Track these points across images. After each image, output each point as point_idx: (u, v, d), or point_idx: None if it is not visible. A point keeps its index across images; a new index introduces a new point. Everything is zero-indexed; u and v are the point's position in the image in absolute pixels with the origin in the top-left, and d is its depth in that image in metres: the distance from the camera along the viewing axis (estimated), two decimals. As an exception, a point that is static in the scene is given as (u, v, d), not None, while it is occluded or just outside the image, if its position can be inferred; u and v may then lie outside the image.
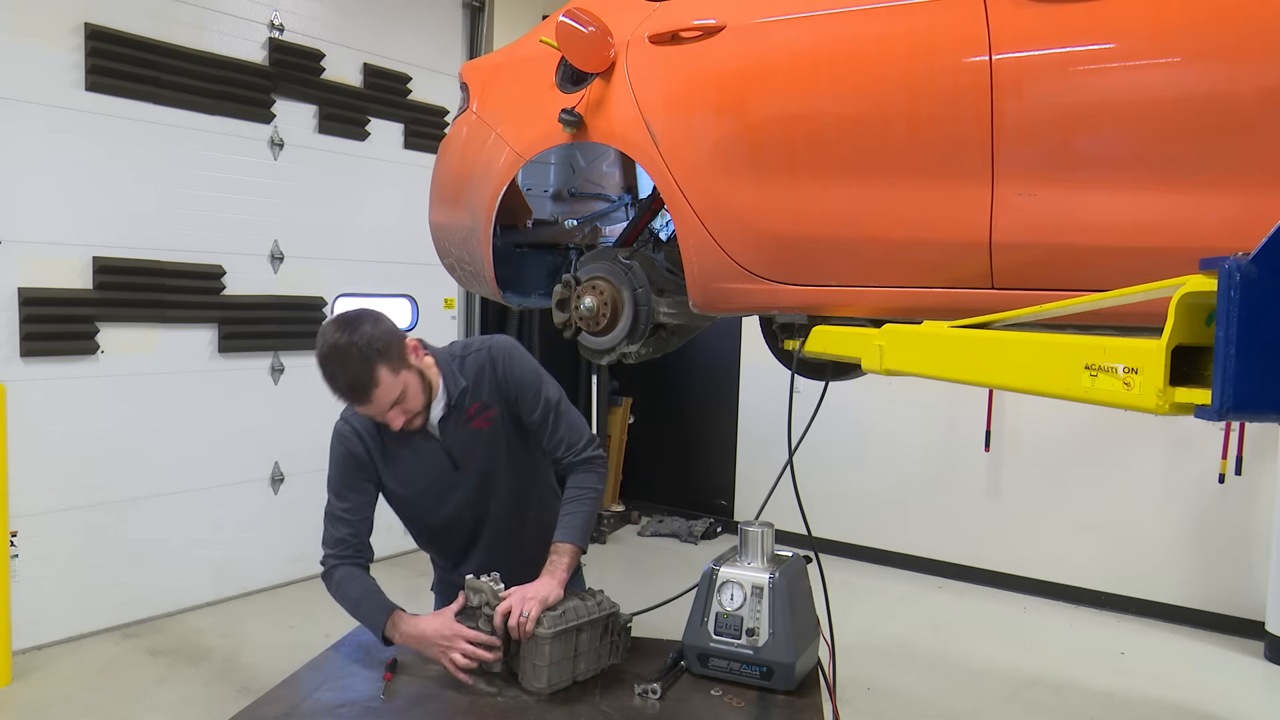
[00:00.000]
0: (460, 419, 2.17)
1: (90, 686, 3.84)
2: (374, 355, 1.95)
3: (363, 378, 1.95)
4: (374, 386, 1.96)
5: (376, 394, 1.97)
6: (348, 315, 2.04)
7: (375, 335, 1.97)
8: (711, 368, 6.67)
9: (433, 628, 2.00)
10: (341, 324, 2.00)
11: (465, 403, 2.17)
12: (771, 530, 2.07)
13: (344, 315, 2.05)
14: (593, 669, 1.99)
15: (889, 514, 5.90)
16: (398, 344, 2.02)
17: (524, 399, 2.20)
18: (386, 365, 1.97)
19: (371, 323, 2.00)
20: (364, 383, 1.96)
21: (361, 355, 1.94)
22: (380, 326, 2.01)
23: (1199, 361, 1.28)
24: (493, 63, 3.19)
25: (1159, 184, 1.76)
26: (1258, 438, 4.67)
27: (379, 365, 1.96)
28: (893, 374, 2.00)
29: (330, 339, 1.97)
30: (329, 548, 2.18)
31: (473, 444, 2.19)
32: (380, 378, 1.96)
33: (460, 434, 2.18)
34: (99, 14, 4.22)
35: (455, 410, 2.16)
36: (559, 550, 2.10)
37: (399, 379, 2.00)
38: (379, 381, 1.96)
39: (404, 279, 5.73)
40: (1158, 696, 4.06)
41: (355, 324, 1.98)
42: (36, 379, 4.10)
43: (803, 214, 2.22)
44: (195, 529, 4.74)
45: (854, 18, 2.13)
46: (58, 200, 4.16)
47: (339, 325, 1.99)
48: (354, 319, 2.01)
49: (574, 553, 2.11)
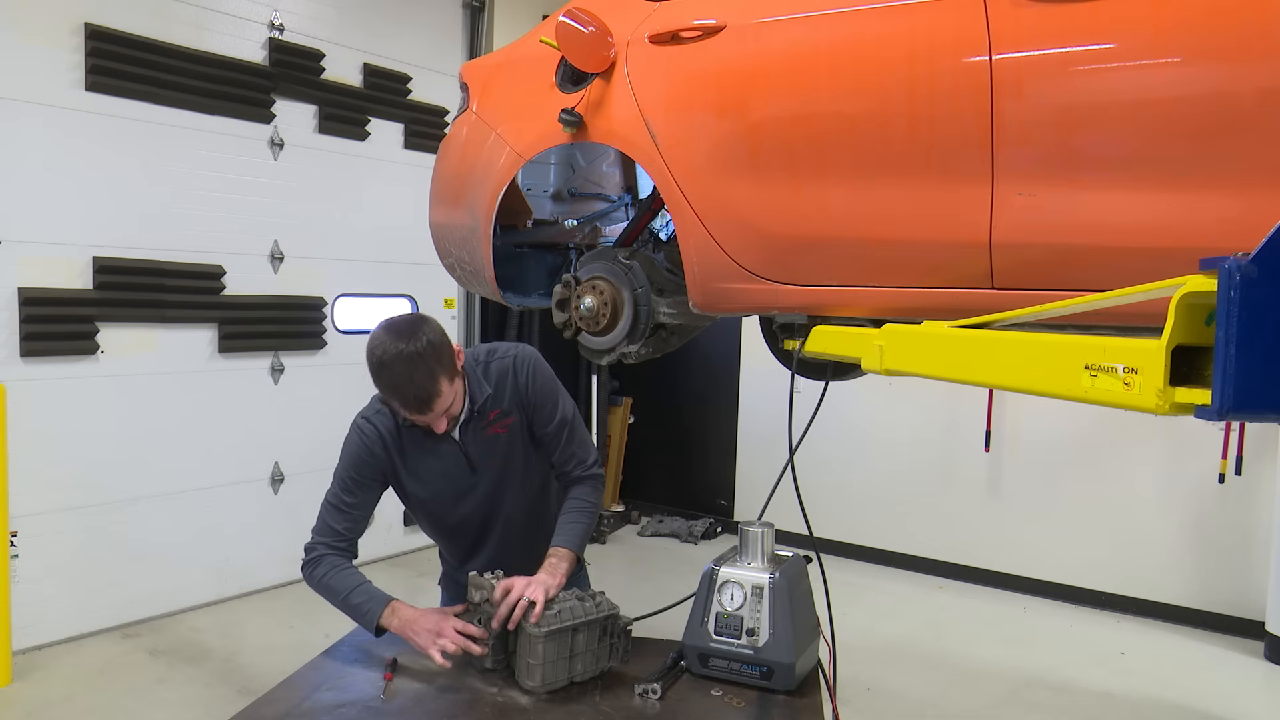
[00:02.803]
0: (480, 424, 2.19)
1: (90, 686, 3.84)
2: (436, 366, 1.97)
3: (428, 389, 1.97)
4: (436, 397, 1.99)
5: (438, 404, 2.00)
6: (402, 322, 2.04)
7: (435, 345, 1.99)
8: (711, 368, 6.67)
9: (429, 616, 2.04)
10: (399, 332, 1.99)
11: (487, 409, 2.19)
12: (771, 530, 2.07)
13: (398, 322, 2.04)
14: (590, 670, 1.99)
15: (889, 514, 5.90)
16: (450, 352, 2.05)
17: (541, 411, 2.23)
18: (445, 375, 2.00)
19: (430, 331, 2.01)
20: (429, 394, 1.98)
21: (427, 367, 1.96)
22: (437, 334, 2.03)
23: (1199, 361, 1.28)
24: (493, 63, 3.19)
25: (1159, 184, 1.75)
26: (1258, 438, 4.67)
27: (440, 376, 1.98)
28: (893, 374, 2.00)
29: (392, 348, 1.96)
30: (321, 536, 2.17)
31: (490, 449, 2.22)
32: (442, 388, 1.99)
33: (479, 439, 2.20)
34: (99, 14, 4.22)
35: (477, 416, 2.18)
36: (558, 554, 2.13)
37: (453, 387, 2.04)
38: (441, 392, 2.00)
39: (404, 279, 5.73)
40: (1158, 696, 4.06)
41: (415, 333, 1.98)
42: (36, 379, 4.10)
43: (803, 214, 2.22)
44: (195, 529, 4.74)
45: (854, 18, 2.13)
46: (58, 200, 4.15)
47: (398, 334, 1.98)
48: (412, 327, 2.00)
49: (572, 559, 2.15)
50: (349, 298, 5.46)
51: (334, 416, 5.34)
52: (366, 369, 2.02)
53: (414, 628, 2.02)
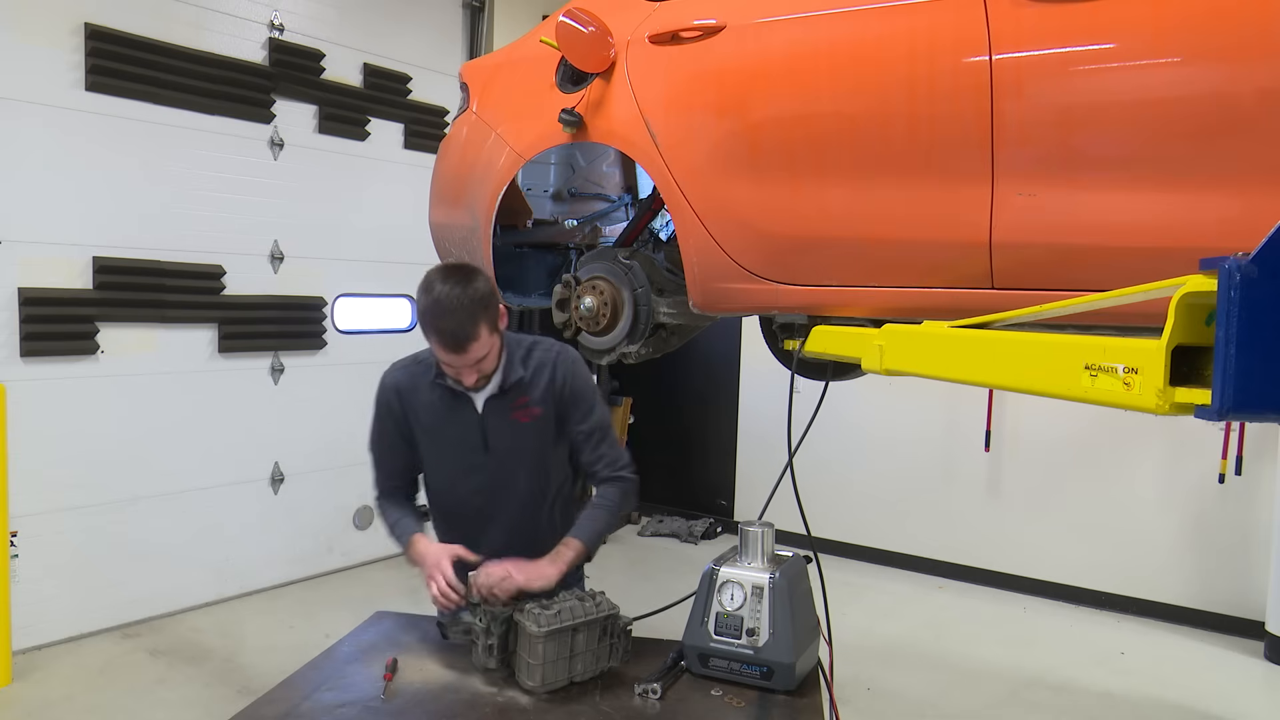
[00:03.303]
0: (505, 405, 2.23)
1: (90, 686, 3.84)
2: (480, 311, 2.04)
3: (467, 329, 2.03)
4: (473, 340, 2.05)
5: (473, 347, 2.06)
6: (458, 267, 2.13)
7: (485, 293, 2.07)
8: (711, 368, 6.67)
9: (431, 552, 2.15)
10: (454, 274, 2.07)
11: (515, 392, 2.22)
12: (771, 530, 2.07)
13: (454, 266, 2.13)
14: (591, 670, 1.99)
15: (889, 514, 5.90)
16: (496, 307, 2.12)
17: (577, 410, 2.27)
18: (487, 323, 2.06)
19: (484, 280, 2.09)
20: (467, 334, 2.04)
21: (470, 308, 2.03)
22: (488, 285, 2.10)
23: (1199, 361, 1.28)
24: (493, 63, 3.19)
25: (1159, 184, 1.76)
26: (1258, 438, 4.67)
27: (482, 321, 2.05)
28: (893, 374, 2.01)
29: (444, 284, 2.04)
30: (376, 482, 2.38)
31: (508, 432, 2.24)
32: (480, 333, 2.05)
33: (499, 419, 2.23)
34: (99, 14, 4.22)
35: (504, 395, 2.22)
36: (568, 544, 2.17)
37: (491, 339, 2.10)
38: (478, 336, 2.05)
39: (404, 279, 5.72)
40: (1158, 696, 4.06)
41: (469, 278, 2.07)
42: (36, 379, 4.10)
43: (803, 214, 2.22)
44: (195, 529, 4.74)
45: (854, 18, 2.13)
46: (58, 200, 4.15)
47: (451, 275, 2.07)
48: (467, 272, 2.09)
49: (581, 551, 2.18)
50: (349, 298, 5.46)
51: (334, 416, 5.41)
52: (364, 370, 2.05)
53: (421, 563, 2.17)
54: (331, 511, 5.41)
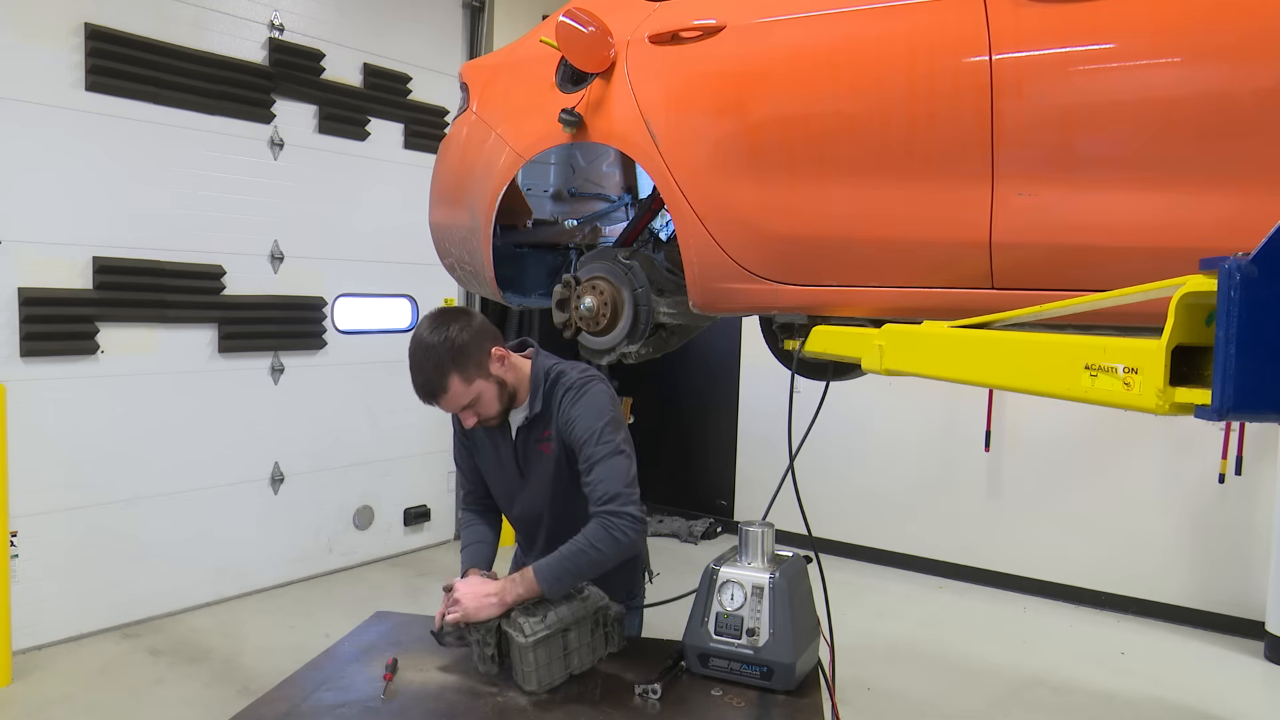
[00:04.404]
0: (532, 437, 2.25)
1: (90, 686, 3.84)
2: (449, 362, 2.04)
3: (434, 382, 2.05)
4: (442, 392, 2.06)
5: (444, 399, 2.08)
6: (440, 314, 2.13)
7: (458, 342, 2.05)
8: (711, 368, 6.67)
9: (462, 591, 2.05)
10: (434, 322, 2.09)
11: (539, 424, 2.23)
12: (771, 530, 2.07)
13: (440, 313, 2.14)
14: (588, 662, 2.00)
15: (889, 514, 5.90)
16: (479, 353, 2.08)
17: (575, 444, 2.13)
18: (459, 373, 2.05)
19: (460, 327, 2.07)
20: (434, 387, 2.06)
21: (437, 360, 2.03)
22: (466, 333, 2.07)
23: (1199, 361, 1.28)
24: (493, 63, 3.19)
25: (1159, 184, 1.75)
26: (1258, 438, 4.67)
27: (451, 373, 2.05)
28: (893, 374, 2.00)
29: (419, 334, 2.07)
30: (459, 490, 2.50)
31: (536, 462, 2.26)
32: (450, 385, 2.05)
33: (530, 449, 2.26)
34: (99, 14, 4.22)
35: (530, 426, 2.23)
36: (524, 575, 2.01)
37: (471, 388, 2.08)
38: (447, 388, 2.06)
39: (404, 279, 5.73)
40: (1158, 696, 4.06)
41: (445, 325, 2.06)
42: (36, 379, 4.10)
43: (803, 214, 2.22)
44: (195, 529, 4.74)
45: (854, 18, 2.13)
46: (58, 200, 4.16)
47: (431, 322, 2.09)
48: (444, 320, 2.09)
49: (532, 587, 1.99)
50: (349, 298, 5.46)
51: (334, 417, 5.42)
52: (364, 370, 2.06)
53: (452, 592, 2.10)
54: (331, 511, 5.42)
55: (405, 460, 5.79)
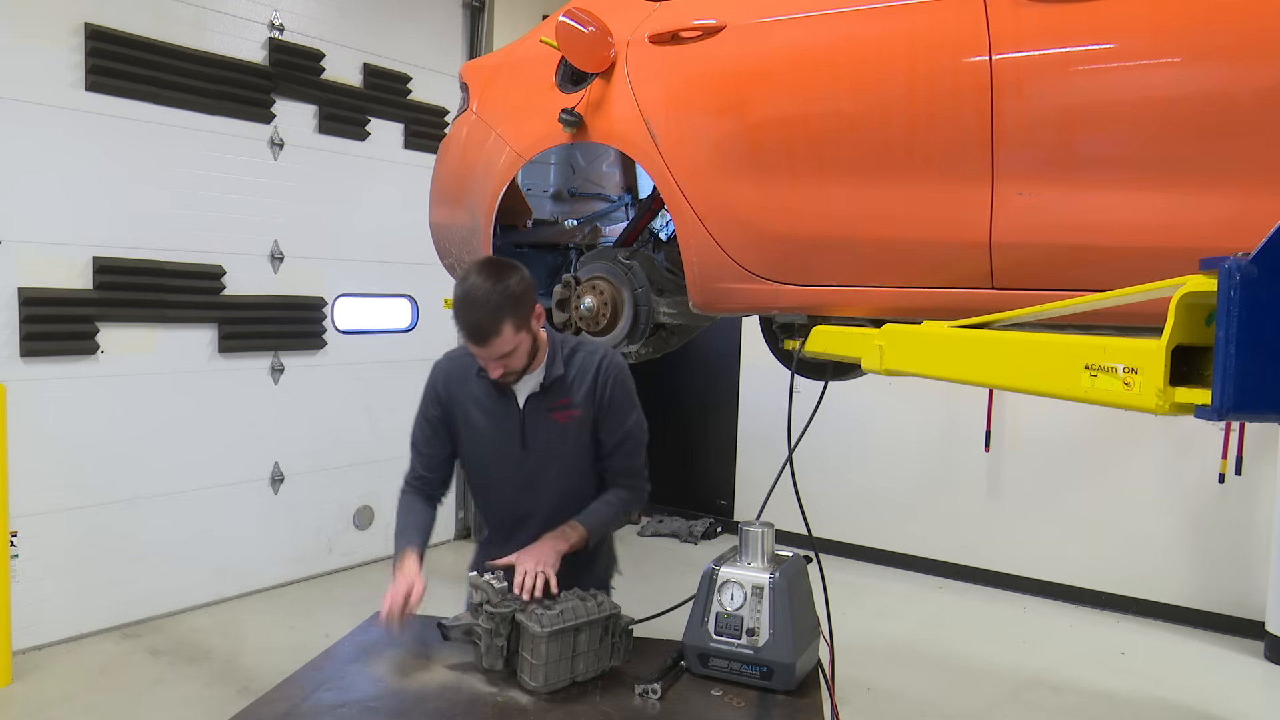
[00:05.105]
0: (545, 403, 2.25)
1: (90, 686, 3.84)
2: (507, 309, 2.07)
3: (488, 325, 2.07)
4: (494, 336, 2.07)
5: (495, 342, 2.08)
6: (497, 261, 2.16)
7: (516, 291, 2.09)
8: (711, 368, 6.67)
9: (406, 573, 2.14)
10: (489, 268, 2.11)
11: (556, 391, 2.24)
12: (771, 530, 2.07)
13: (494, 260, 2.18)
14: (592, 670, 1.99)
15: (889, 514, 5.90)
16: (528, 307, 2.13)
17: (612, 417, 2.28)
18: (512, 321, 2.08)
19: (516, 278, 2.11)
20: (488, 330, 2.07)
21: (495, 305, 2.05)
22: (522, 283, 2.12)
23: (1199, 361, 1.28)
24: (493, 63, 3.19)
25: (1159, 184, 1.76)
26: (1258, 438, 4.67)
27: (506, 319, 2.07)
28: (893, 374, 2.00)
29: (473, 280, 2.08)
30: (408, 472, 2.39)
31: (545, 432, 2.26)
32: (504, 329, 2.07)
33: (539, 418, 2.25)
34: (99, 14, 4.22)
35: (545, 393, 2.24)
36: (573, 526, 2.20)
37: (516, 337, 2.11)
38: (499, 333, 2.07)
39: (404, 279, 5.73)
40: (1158, 696, 4.06)
41: (503, 273, 2.10)
42: (36, 379, 4.10)
43: (803, 214, 2.22)
44: (195, 529, 4.73)
45: (854, 18, 2.13)
46: (58, 200, 4.16)
47: (486, 269, 2.11)
48: (504, 268, 2.12)
49: (584, 537, 2.21)
50: (349, 298, 5.46)
51: (334, 417, 5.41)
52: (364, 370, 2.06)
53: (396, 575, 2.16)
54: (331, 511, 5.42)
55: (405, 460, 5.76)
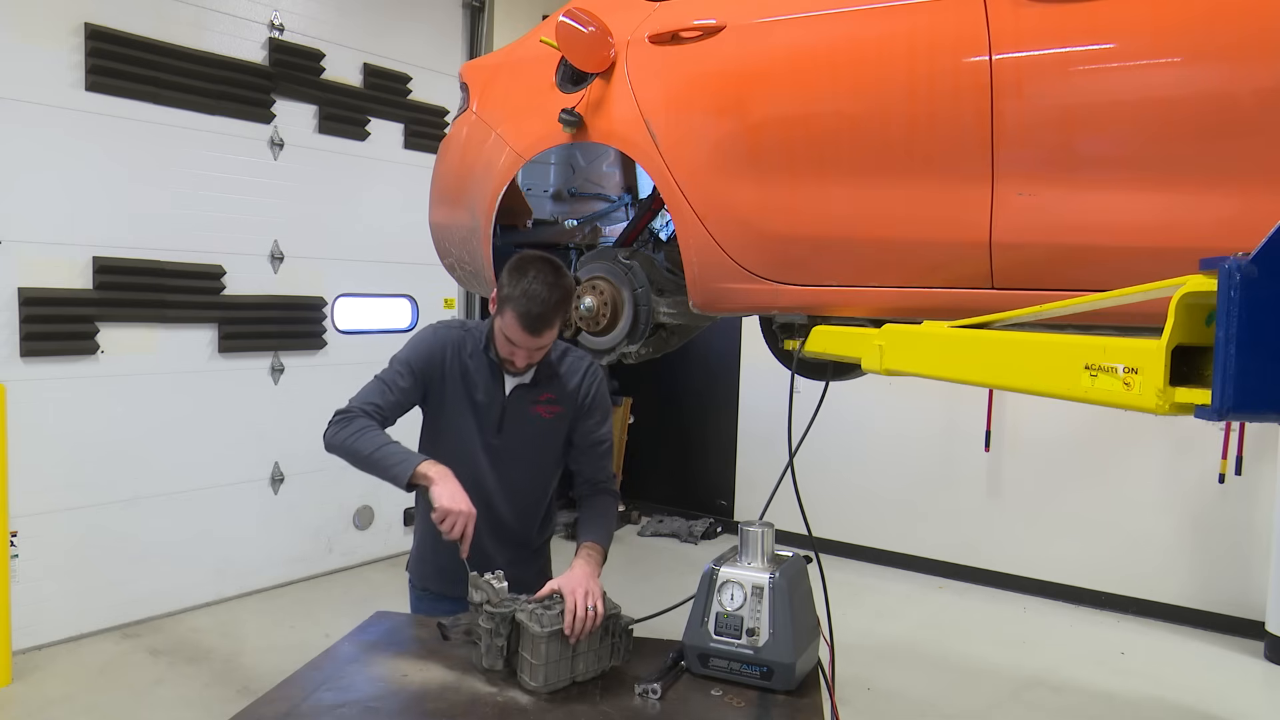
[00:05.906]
0: (530, 396, 2.28)
1: (90, 686, 3.84)
2: (564, 304, 2.16)
3: (550, 319, 2.13)
4: (549, 329, 2.14)
5: (547, 334, 2.15)
6: (548, 258, 2.19)
7: (569, 287, 2.19)
8: (711, 368, 6.67)
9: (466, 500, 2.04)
10: (548, 265, 2.15)
11: (543, 386, 2.28)
12: (771, 530, 2.07)
13: (544, 257, 2.19)
14: (593, 670, 1.99)
15: (889, 514, 5.90)
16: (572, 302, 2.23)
17: (590, 420, 2.34)
18: (561, 319, 2.17)
19: (569, 276, 2.19)
20: (548, 323, 2.13)
21: (557, 300, 2.13)
22: (572, 282, 2.22)
23: (1199, 361, 1.28)
24: (493, 63, 3.19)
25: (1159, 184, 1.76)
26: (1258, 438, 4.67)
27: (561, 314, 2.16)
28: (893, 374, 2.00)
29: (541, 275, 2.11)
30: (359, 402, 2.22)
31: (524, 423, 2.28)
32: (556, 323, 2.16)
33: (520, 407, 2.28)
34: (99, 14, 4.22)
35: (533, 386, 2.28)
36: (593, 548, 2.20)
37: (554, 334, 2.19)
38: (555, 326, 2.15)
39: (404, 279, 5.73)
40: (1158, 696, 4.06)
41: (559, 270, 2.16)
42: (36, 379, 4.10)
43: (803, 214, 2.22)
44: (195, 529, 4.74)
45: (854, 18, 2.13)
46: (58, 200, 4.16)
47: (546, 265, 2.15)
48: (557, 264, 2.17)
49: (602, 555, 2.23)
50: (349, 298, 5.46)
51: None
52: (364, 370, 2.05)
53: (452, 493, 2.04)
54: (331, 511, 5.42)
55: (405, 460, 5.77)
